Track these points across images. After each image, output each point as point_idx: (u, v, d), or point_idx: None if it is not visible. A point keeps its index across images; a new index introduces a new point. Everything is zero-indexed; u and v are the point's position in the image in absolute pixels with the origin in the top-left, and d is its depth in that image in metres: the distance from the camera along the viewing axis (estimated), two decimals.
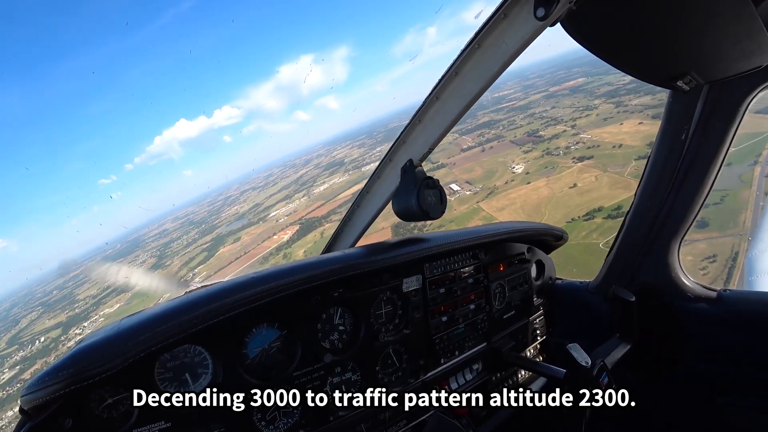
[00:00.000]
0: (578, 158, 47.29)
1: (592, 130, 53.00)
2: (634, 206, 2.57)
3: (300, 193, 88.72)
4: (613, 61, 1.59)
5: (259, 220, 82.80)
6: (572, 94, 68.29)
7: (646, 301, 2.58)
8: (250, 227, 79.55)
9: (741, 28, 1.37)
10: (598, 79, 67.71)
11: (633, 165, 40.97)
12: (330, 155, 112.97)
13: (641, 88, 58.86)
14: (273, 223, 75.13)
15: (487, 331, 2.67)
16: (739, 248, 22.62)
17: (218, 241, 77.38)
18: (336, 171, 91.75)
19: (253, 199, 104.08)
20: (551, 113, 64.35)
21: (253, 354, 1.79)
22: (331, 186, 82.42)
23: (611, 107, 56.53)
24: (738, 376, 2.34)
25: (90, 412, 1.43)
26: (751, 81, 1.97)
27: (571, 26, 1.37)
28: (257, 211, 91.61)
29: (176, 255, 78.38)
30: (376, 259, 1.98)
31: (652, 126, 46.49)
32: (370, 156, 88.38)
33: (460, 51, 1.68)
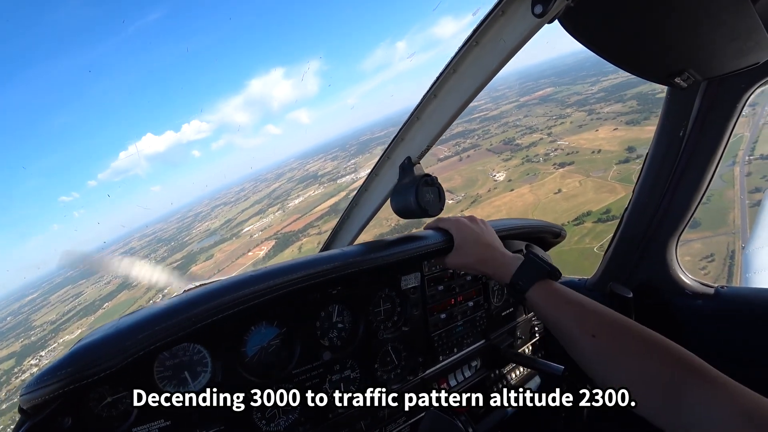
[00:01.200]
0: (559, 164, 47.75)
1: (568, 137, 53.54)
2: (632, 203, 2.57)
3: (274, 207, 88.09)
4: (611, 57, 1.59)
5: (233, 236, 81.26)
6: (543, 103, 68.90)
7: (644, 298, 2.58)
8: (223, 243, 77.86)
9: (739, 25, 1.37)
10: (566, 89, 68.31)
11: (614, 169, 41.37)
12: (303, 168, 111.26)
13: (611, 96, 59.59)
14: (247, 239, 73.64)
15: (485, 328, 2.68)
16: (734, 246, 22.91)
17: (189, 259, 74.49)
18: (310, 184, 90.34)
19: (225, 215, 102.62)
20: (525, 122, 65.07)
21: (252, 352, 1.79)
22: (306, 199, 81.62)
23: (584, 115, 57.14)
24: (736, 372, 2.30)
25: (89, 411, 1.44)
26: (749, 78, 1.98)
27: (569, 23, 1.38)
28: (230, 226, 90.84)
29: None
30: (375, 256, 1.98)
31: (627, 132, 46.98)
32: (344, 168, 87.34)
33: (458, 48, 1.68)
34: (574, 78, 49.48)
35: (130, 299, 57.05)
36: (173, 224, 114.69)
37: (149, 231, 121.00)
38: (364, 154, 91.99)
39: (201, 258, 72.54)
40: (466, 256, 1.91)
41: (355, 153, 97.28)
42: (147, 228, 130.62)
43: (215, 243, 78.95)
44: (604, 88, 65.59)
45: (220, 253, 71.75)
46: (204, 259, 71.62)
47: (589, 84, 67.71)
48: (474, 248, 1.89)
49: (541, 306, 1.57)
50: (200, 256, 73.84)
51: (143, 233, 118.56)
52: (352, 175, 79.39)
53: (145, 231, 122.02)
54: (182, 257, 76.32)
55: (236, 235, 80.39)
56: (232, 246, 71.63)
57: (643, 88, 56.85)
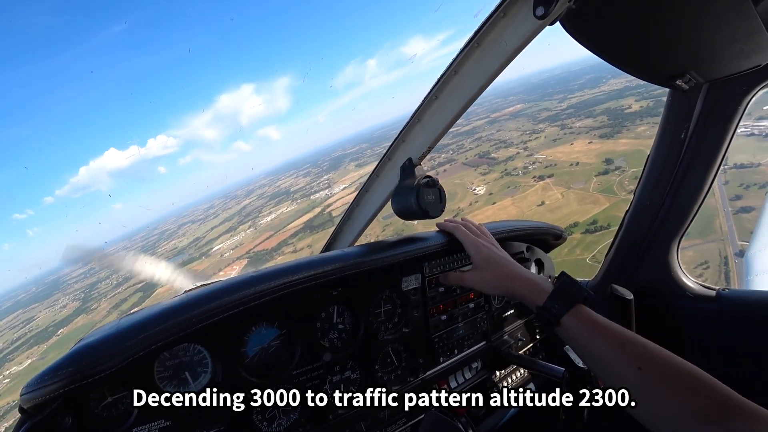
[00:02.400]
0: (539, 177, 47.99)
1: (545, 150, 53.75)
2: (633, 205, 2.57)
3: (245, 224, 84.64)
4: (612, 60, 1.59)
5: (202, 255, 76.09)
6: (513, 118, 68.98)
7: (645, 300, 2.58)
8: (192, 263, 72.55)
9: (740, 27, 1.37)
10: (535, 105, 68.34)
11: (595, 181, 41.63)
12: (274, 185, 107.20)
13: (580, 112, 59.84)
14: (217, 258, 69.59)
15: (486, 330, 2.67)
16: (726, 252, 23.06)
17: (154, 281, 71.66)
18: (282, 200, 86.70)
19: (193, 233, 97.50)
20: (498, 136, 65.20)
21: (253, 353, 1.79)
22: (278, 216, 78.65)
23: (557, 130, 57.41)
24: (737, 375, 2.29)
25: (89, 411, 1.44)
26: (751, 80, 1.97)
27: (571, 25, 1.38)
28: (198, 245, 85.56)
29: (104, 297, 69.35)
30: (376, 257, 1.99)
31: (602, 144, 47.22)
32: (317, 184, 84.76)
33: (459, 49, 1.69)
34: (541, 95, 49.53)
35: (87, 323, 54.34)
36: (137, 242, 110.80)
37: (111, 250, 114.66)
38: (337, 169, 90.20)
39: None
40: (491, 277, 1.84)
41: (327, 169, 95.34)
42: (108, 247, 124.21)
43: (183, 262, 74.38)
44: (572, 104, 66.13)
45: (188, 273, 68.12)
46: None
47: (557, 101, 68.20)
48: (498, 269, 1.83)
49: (578, 334, 1.50)
50: None
51: (104, 253, 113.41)
52: (326, 191, 77.52)
53: (106, 251, 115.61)
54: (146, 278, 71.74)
55: (206, 254, 76.53)
56: (202, 265, 68.61)
57: (611, 104, 57.52)
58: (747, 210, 25.74)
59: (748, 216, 25.46)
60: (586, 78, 76.81)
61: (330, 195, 74.07)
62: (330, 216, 62.42)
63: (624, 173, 40.82)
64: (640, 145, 43.98)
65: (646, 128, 46.70)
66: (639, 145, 44.15)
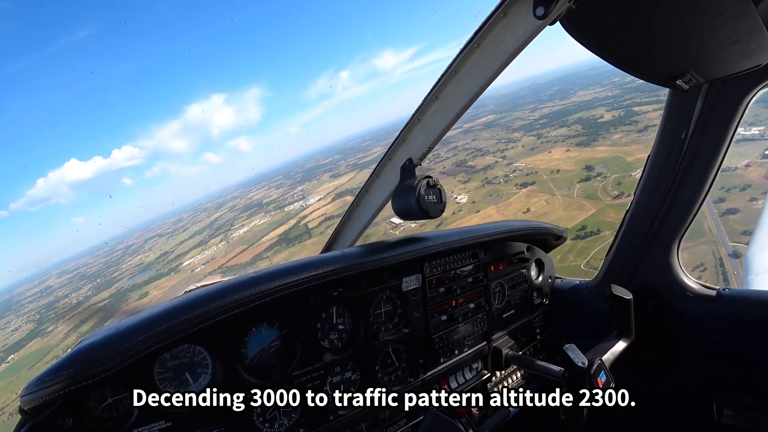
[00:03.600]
0: (521, 185, 48.46)
1: (523, 158, 54.29)
2: (634, 205, 2.57)
3: (216, 238, 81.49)
4: (613, 60, 1.59)
5: (170, 271, 71.16)
6: (487, 128, 69.72)
7: (645, 300, 2.61)
8: (160, 279, 67.77)
9: (740, 27, 1.37)
10: (507, 115, 69.25)
11: (578, 187, 42.41)
12: (246, 197, 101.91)
13: (554, 122, 61.28)
14: (188, 274, 65.21)
15: (486, 331, 2.68)
16: (719, 253, 23.56)
17: (119, 298, 63.73)
18: (255, 213, 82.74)
19: (161, 247, 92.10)
20: (474, 145, 65.89)
21: (253, 353, 1.79)
22: (252, 228, 75.98)
23: (533, 139, 58.28)
24: (737, 374, 2.35)
25: (90, 412, 1.44)
26: (751, 80, 1.97)
27: (571, 25, 1.38)
28: (166, 260, 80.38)
29: (62, 318, 63.38)
30: (376, 258, 1.99)
31: (580, 152, 48.17)
32: (291, 195, 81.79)
33: (459, 50, 1.68)
34: (513, 106, 50.28)
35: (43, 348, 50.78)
36: (100, 258, 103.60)
37: (71, 266, 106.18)
38: (310, 181, 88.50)
39: (133, 296, 64.34)
40: None
41: (301, 180, 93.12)
42: (69, 263, 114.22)
43: (150, 279, 70.61)
44: (544, 114, 67.37)
45: (156, 290, 63.70)
46: (137, 297, 63.41)
47: (529, 111, 69.49)
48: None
49: None
50: (132, 294, 65.43)
51: (64, 269, 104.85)
52: (300, 203, 75.65)
53: (67, 267, 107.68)
54: (110, 295, 66.62)
55: (174, 269, 72.44)
56: (170, 282, 64.12)
57: (583, 114, 58.37)
58: (732, 212, 26.03)
59: (734, 218, 25.68)
60: (555, 89, 77.97)
61: (305, 206, 72.55)
62: (306, 228, 61.05)
63: (606, 179, 41.46)
64: (617, 152, 44.81)
65: (621, 136, 47.58)
66: (616, 152, 44.90)
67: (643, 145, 42.16)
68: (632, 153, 42.57)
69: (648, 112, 48.79)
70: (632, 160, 40.94)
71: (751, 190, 26.54)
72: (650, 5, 1.31)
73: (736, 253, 22.88)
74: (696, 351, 2.50)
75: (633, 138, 45.79)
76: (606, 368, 2.11)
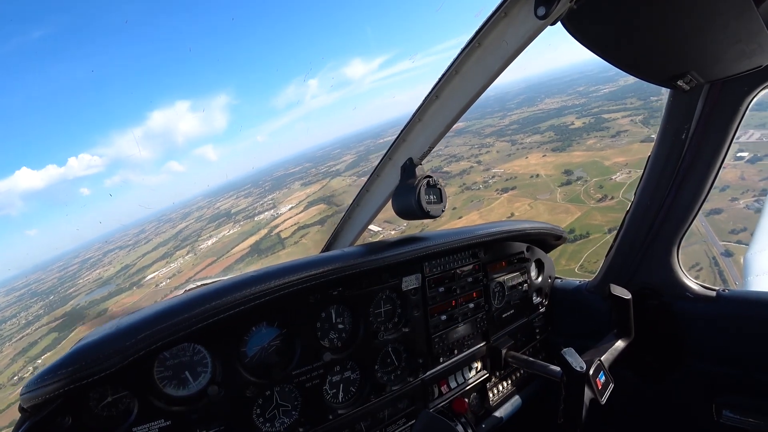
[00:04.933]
0: (502, 190, 48.68)
1: (501, 164, 54.28)
2: (634, 206, 2.57)
3: (182, 249, 76.41)
4: (613, 60, 1.59)
5: (132, 286, 66.13)
6: (459, 135, 70.33)
7: (645, 301, 2.62)
8: (120, 295, 62.20)
9: (741, 28, 1.38)
10: (477, 122, 69.82)
11: (559, 191, 43.01)
12: (213, 207, 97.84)
13: (526, 128, 62.40)
14: (152, 289, 60.65)
15: (486, 330, 2.69)
16: (712, 253, 24.05)
17: (75, 317, 53.24)
18: (224, 223, 78.22)
19: (121, 260, 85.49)
20: (447, 151, 66.48)
21: (253, 352, 1.79)
22: (220, 239, 71.91)
23: (508, 145, 58.73)
24: (737, 375, 2.36)
25: (89, 410, 1.44)
26: (752, 80, 1.97)
27: (572, 25, 1.37)
28: (128, 273, 74.68)
29: (8, 341, 55.92)
30: (376, 258, 1.99)
31: (557, 157, 48.86)
32: (261, 204, 77.22)
33: (460, 49, 1.69)
34: (482, 113, 50.50)
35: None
36: (54, 273, 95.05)
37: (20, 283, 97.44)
38: (281, 189, 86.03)
39: (90, 314, 54.95)
40: None
41: (270, 189, 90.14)
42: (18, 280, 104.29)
43: (110, 294, 64.99)
44: (514, 120, 68.38)
45: (116, 307, 55.91)
46: (95, 315, 53.10)
47: (498, 118, 70.38)
48: None
49: None
50: (89, 312, 56.18)
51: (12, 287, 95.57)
52: (271, 212, 73.01)
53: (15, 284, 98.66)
54: (64, 314, 59.57)
55: (137, 284, 67.53)
56: (133, 297, 59.37)
57: (554, 121, 58.66)
58: (717, 212, 26.15)
59: (719, 218, 25.74)
60: (521, 98, 78.57)
61: (276, 215, 70.36)
62: (279, 238, 59.25)
63: (587, 183, 41.68)
64: (593, 156, 45.21)
65: (595, 141, 47.76)
66: (593, 157, 45.26)
67: (617, 149, 42.63)
68: (609, 157, 42.85)
69: (617, 118, 49.29)
70: (610, 164, 41.25)
71: (730, 191, 26.75)
72: (651, 6, 1.31)
73: (728, 251, 23.16)
74: (696, 352, 2.51)
75: (607, 143, 46.13)
76: (605, 368, 2.12)
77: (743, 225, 25.02)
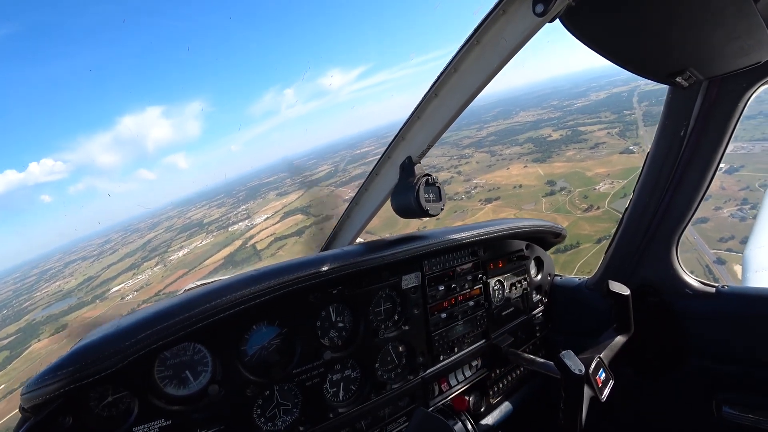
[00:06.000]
0: (485, 200, 48.81)
1: (481, 175, 54.09)
2: (633, 203, 2.58)
3: (150, 261, 72.02)
4: (612, 57, 1.59)
5: (95, 299, 60.49)
6: (437, 146, 71.50)
7: (645, 298, 2.63)
8: (82, 309, 56.78)
9: (740, 24, 1.38)
10: (454, 134, 69.99)
11: (544, 201, 43.41)
12: (184, 216, 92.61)
13: (503, 140, 63.25)
14: (117, 302, 55.94)
15: (486, 328, 2.69)
16: (704, 260, 23.92)
17: (29, 333, 52.14)
18: (196, 233, 75.91)
19: (84, 272, 79.83)
20: (426, 162, 67.26)
21: (253, 351, 1.80)
22: (192, 251, 68.31)
23: (487, 156, 58.94)
24: (737, 372, 2.37)
25: (90, 410, 1.44)
26: (751, 77, 1.97)
27: (570, 22, 1.38)
28: (91, 286, 69.08)
29: None
30: (375, 256, 1.99)
31: (539, 168, 49.35)
32: (235, 215, 72.24)
33: (459, 47, 1.68)
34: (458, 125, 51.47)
35: None
36: (9, 286, 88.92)
37: None
38: (255, 199, 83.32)
39: (47, 329, 52.83)
40: None
41: (244, 199, 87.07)
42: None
43: (70, 308, 59.72)
44: (491, 132, 68.89)
45: (76, 322, 52.03)
46: (52, 332, 51.08)
47: (475, 130, 71.03)
48: None
49: None
50: (46, 328, 53.80)
51: None
52: (245, 222, 69.98)
53: None
54: (17, 330, 54.42)
55: (100, 297, 62.18)
56: (95, 311, 54.59)
57: (531, 134, 58.75)
58: (703, 221, 26.40)
59: (705, 226, 25.97)
60: (496, 111, 79.10)
61: (251, 226, 67.72)
62: (255, 249, 57.04)
63: (571, 193, 41.98)
64: (575, 167, 45.58)
65: (575, 152, 48.34)
66: (574, 168, 45.56)
67: (598, 161, 42.93)
68: (590, 168, 43.05)
69: (594, 131, 49.64)
70: (592, 174, 41.44)
71: (713, 200, 27.11)
72: (650, 2, 1.31)
73: (720, 259, 23.54)
74: (696, 348, 2.53)
75: (587, 154, 46.44)
76: (605, 365, 2.13)
77: (730, 233, 25.28)
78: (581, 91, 61.53)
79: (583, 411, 1.97)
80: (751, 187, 25.72)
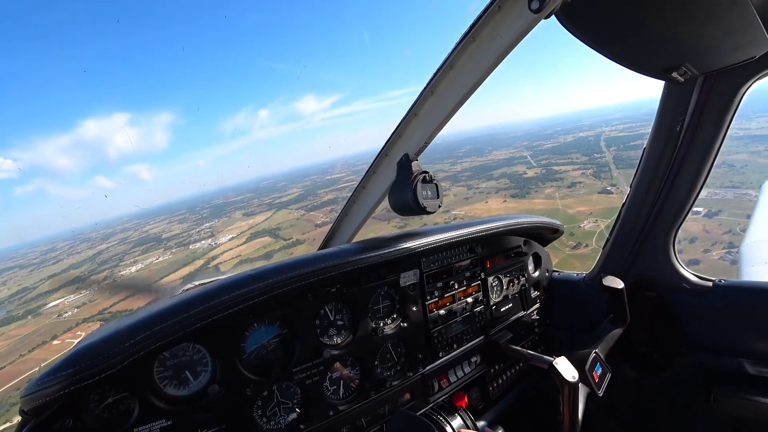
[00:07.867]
0: None
1: (460, 207, 54.30)
2: (630, 198, 2.59)
3: (99, 274, 65.11)
4: (607, 53, 1.60)
5: (28, 314, 51.66)
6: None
7: (642, 292, 2.65)
8: (9, 325, 48.80)
9: (735, 19, 1.39)
10: (428, 167, 71.94)
11: None
12: (140, 230, 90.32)
13: (479, 175, 64.26)
14: (53, 320, 47.81)
15: (484, 324, 2.70)
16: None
17: None
18: (152, 248, 66.42)
19: (20, 281, 68.87)
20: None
21: (252, 350, 1.80)
22: (147, 267, 61.02)
23: (464, 189, 59.71)
24: (734, 365, 2.39)
25: (90, 412, 1.44)
26: (746, 72, 1.99)
27: (566, 18, 1.38)
28: (24, 298, 59.16)
29: None
30: (373, 254, 1.99)
31: (519, 203, 48.56)
32: (197, 232, 67.86)
33: (455, 44, 1.67)
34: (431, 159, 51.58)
35: None
36: None
37: None
38: (220, 218, 79.34)
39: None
40: None
41: (208, 216, 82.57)
42: None
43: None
44: (466, 168, 69.81)
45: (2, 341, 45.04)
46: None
47: (449, 164, 72.16)
48: None
49: None
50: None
51: None
52: (208, 241, 65.54)
53: None
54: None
55: (34, 312, 53.72)
56: (26, 329, 46.77)
57: (506, 170, 59.09)
58: (695, 262, 25.68)
59: (698, 268, 26.15)
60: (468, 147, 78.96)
61: (214, 245, 63.27)
62: (217, 270, 53.06)
63: None
64: (555, 204, 44.86)
65: (553, 190, 48.12)
66: (555, 205, 44.71)
67: (577, 199, 42.75)
68: (571, 206, 42.41)
69: (568, 171, 49.78)
70: (573, 212, 40.67)
71: (699, 243, 27.10)
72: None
73: None
74: (693, 342, 2.55)
75: (566, 192, 46.22)
76: (602, 359, 2.15)
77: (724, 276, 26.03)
78: (549, 133, 63.05)
79: (580, 410, 1.99)
80: (733, 231, 26.40)
